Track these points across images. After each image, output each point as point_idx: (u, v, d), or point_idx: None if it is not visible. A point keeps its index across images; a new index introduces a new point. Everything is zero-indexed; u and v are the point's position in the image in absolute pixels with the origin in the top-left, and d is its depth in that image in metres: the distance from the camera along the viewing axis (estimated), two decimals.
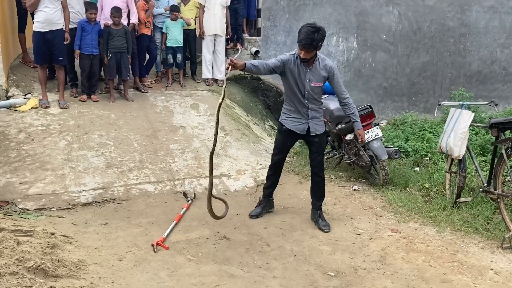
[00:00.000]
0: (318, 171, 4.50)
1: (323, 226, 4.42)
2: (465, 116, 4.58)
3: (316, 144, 4.45)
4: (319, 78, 4.21)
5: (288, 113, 4.39)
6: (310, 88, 4.22)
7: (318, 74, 4.20)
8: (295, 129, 4.36)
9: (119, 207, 4.77)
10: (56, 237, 3.82)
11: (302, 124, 4.35)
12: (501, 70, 10.56)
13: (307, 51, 4.02)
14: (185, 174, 5.52)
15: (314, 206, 4.58)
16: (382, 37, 9.59)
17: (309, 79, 4.20)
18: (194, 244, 4.02)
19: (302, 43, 3.97)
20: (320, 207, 4.55)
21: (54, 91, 7.01)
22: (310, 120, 4.34)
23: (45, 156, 5.44)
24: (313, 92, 4.25)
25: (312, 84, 4.21)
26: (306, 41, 3.95)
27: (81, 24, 6.77)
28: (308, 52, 4.02)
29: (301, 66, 4.16)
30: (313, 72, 4.19)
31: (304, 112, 4.31)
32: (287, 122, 4.38)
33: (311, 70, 4.18)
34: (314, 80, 4.20)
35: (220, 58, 8.34)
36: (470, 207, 4.73)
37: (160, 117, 6.82)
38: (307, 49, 4.00)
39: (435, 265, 3.71)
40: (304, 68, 4.17)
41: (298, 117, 4.33)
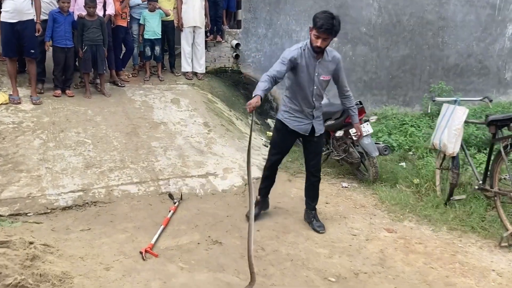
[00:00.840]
0: (315, 171, 4.31)
1: (318, 227, 4.27)
2: (459, 112, 4.50)
3: (316, 144, 4.25)
4: (328, 71, 3.97)
5: (291, 111, 4.11)
6: (318, 82, 3.97)
7: (326, 67, 3.96)
8: (297, 129, 4.12)
9: (102, 210, 4.50)
10: (36, 247, 3.52)
11: (305, 125, 4.11)
12: (477, 63, 10.63)
13: (325, 39, 3.72)
14: (170, 173, 5.27)
15: (308, 206, 4.41)
16: (362, 30, 9.49)
17: (318, 72, 3.94)
18: (185, 251, 3.81)
19: (323, 27, 3.64)
20: (315, 208, 4.40)
21: (25, 85, 6.62)
22: (314, 120, 4.12)
23: (18, 156, 5.10)
24: (321, 87, 4.01)
25: (321, 77, 3.96)
26: (328, 26, 3.64)
27: (52, 15, 6.39)
28: (326, 39, 3.73)
29: (310, 59, 3.88)
30: (322, 65, 3.93)
31: (308, 112, 4.07)
32: (290, 121, 4.12)
33: (320, 63, 3.92)
34: (323, 73, 3.96)
35: (199, 50, 8.08)
36: (463, 204, 4.66)
37: (139, 113, 6.53)
38: (327, 35, 3.70)
39: (437, 268, 3.61)
40: (313, 61, 3.89)
41: (302, 117, 4.09)
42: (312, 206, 4.38)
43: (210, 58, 8.61)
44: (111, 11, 7.08)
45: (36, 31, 6.12)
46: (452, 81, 10.28)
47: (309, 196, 4.40)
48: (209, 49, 8.53)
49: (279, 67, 3.80)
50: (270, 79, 3.72)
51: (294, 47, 3.93)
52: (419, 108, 10.02)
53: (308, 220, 4.39)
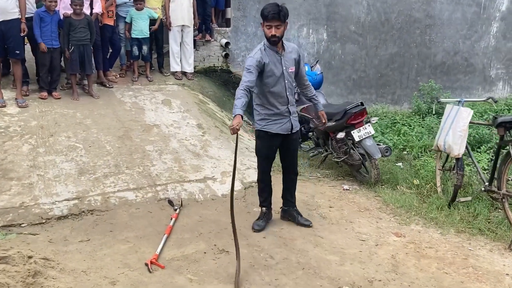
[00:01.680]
0: (295, 168, 4.36)
1: (305, 221, 4.31)
2: (464, 113, 4.46)
3: (294, 142, 4.28)
4: (292, 62, 4.02)
5: (267, 117, 4.06)
6: (288, 75, 3.99)
7: (290, 59, 4.01)
8: (280, 131, 4.09)
9: (99, 219, 4.31)
10: (36, 262, 3.34)
11: (285, 124, 4.10)
12: (463, 61, 10.70)
13: (277, 26, 3.77)
14: (167, 178, 5.10)
15: (289, 205, 4.39)
16: (351, 28, 9.44)
17: (286, 65, 3.97)
18: (192, 261, 3.66)
19: (270, 14, 3.74)
20: (295, 204, 4.41)
21: (9, 87, 6.34)
22: (291, 116, 4.11)
23: (7, 163, 4.86)
24: (291, 78, 4.04)
25: (289, 70, 3.99)
26: (274, 11, 3.73)
27: (38, 14, 6.12)
28: (278, 27, 3.78)
29: (273, 56, 3.91)
30: (286, 57, 3.98)
31: (284, 110, 4.06)
32: (271, 126, 4.07)
33: (284, 56, 3.96)
34: (289, 65, 4.00)
35: (188, 49, 7.90)
36: (467, 206, 4.64)
37: (130, 115, 6.32)
38: (277, 22, 3.76)
39: (451, 273, 3.56)
40: (277, 56, 3.93)
41: (279, 118, 4.07)
42: (293, 203, 4.40)
43: (199, 57, 8.43)
44: (98, 10, 6.85)
45: (21, 31, 5.86)
46: (439, 79, 10.33)
47: (290, 193, 4.39)
48: (197, 48, 8.35)
49: (248, 76, 3.79)
50: (245, 92, 3.72)
51: (253, 52, 3.96)
52: (408, 106, 10.05)
53: (290, 218, 4.37)
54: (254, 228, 4.24)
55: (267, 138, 4.13)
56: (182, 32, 7.77)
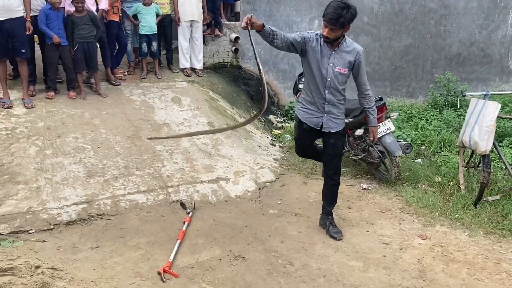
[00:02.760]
0: (333, 175, 3.99)
1: (335, 233, 4.00)
2: (491, 108, 4.22)
3: (331, 146, 3.91)
4: (344, 63, 3.65)
5: (303, 103, 3.88)
6: (333, 74, 3.66)
7: (343, 58, 3.64)
8: (308, 122, 3.85)
9: (109, 224, 4.13)
10: (43, 272, 3.18)
11: (316, 118, 3.83)
12: (479, 51, 10.38)
13: (332, 30, 3.46)
14: (178, 179, 4.91)
15: (324, 210, 4.13)
16: (364, 20, 9.17)
17: (333, 63, 3.64)
18: (206, 268, 3.48)
19: (327, 17, 3.42)
20: (331, 212, 4.12)
21: (16, 88, 6.18)
22: (326, 114, 3.80)
23: (14, 166, 4.70)
24: (337, 80, 3.68)
25: (336, 69, 3.65)
26: (332, 16, 3.39)
27: (44, 12, 5.94)
28: (333, 30, 3.46)
29: (325, 47, 3.61)
30: (338, 55, 3.64)
31: (320, 105, 3.78)
32: (301, 112, 3.90)
33: (335, 53, 3.63)
34: (338, 65, 3.64)
35: (197, 45, 7.70)
36: (494, 204, 4.40)
37: (140, 114, 6.14)
38: (332, 26, 3.43)
39: (483, 279, 3.34)
40: (328, 50, 3.62)
41: (313, 109, 3.82)
42: (329, 211, 4.11)
43: (208, 53, 8.22)
44: (104, 6, 6.66)
45: (26, 29, 5.69)
46: (455, 70, 10.02)
47: (326, 200, 4.11)
48: (207, 43, 8.14)
49: (294, 35, 3.60)
50: (282, 34, 3.53)
51: (311, 31, 3.70)
52: (423, 99, 9.77)
53: (324, 226, 4.12)
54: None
55: (298, 124, 3.98)
56: (191, 28, 7.56)
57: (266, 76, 8.55)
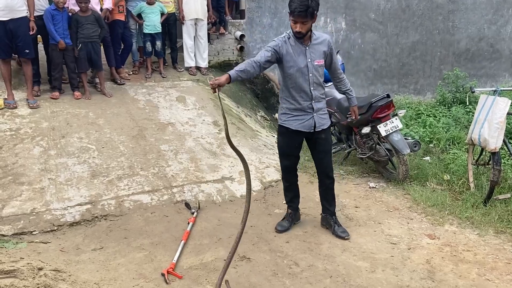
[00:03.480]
0: (329, 172, 3.95)
1: (342, 233, 3.92)
2: (501, 104, 4.13)
3: (323, 142, 3.87)
4: (320, 54, 3.64)
5: (289, 112, 3.76)
6: (314, 68, 3.62)
7: (318, 50, 3.62)
8: (300, 128, 3.75)
9: (113, 225, 4.10)
10: (46, 274, 3.15)
11: (307, 121, 3.75)
12: (489, 47, 10.23)
13: (303, 22, 3.42)
14: (183, 179, 4.87)
15: (326, 211, 4.05)
16: (371, 16, 9.06)
17: (311, 58, 3.60)
18: (211, 269, 3.43)
19: (296, 11, 3.38)
20: (334, 212, 4.03)
21: (21, 88, 6.17)
22: (315, 113, 3.75)
23: (18, 167, 4.68)
24: (318, 73, 3.65)
25: (315, 62, 3.62)
26: (301, 8, 3.36)
27: (50, 12, 5.92)
28: (304, 23, 3.43)
29: (297, 45, 3.58)
30: (313, 49, 3.61)
31: (307, 106, 3.72)
32: (291, 122, 3.77)
33: (309, 48, 3.60)
34: (316, 58, 3.62)
35: (202, 44, 7.65)
36: (504, 203, 4.31)
37: (144, 114, 6.10)
38: (303, 19, 3.40)
39: (493, 280, 3.26)
40: (301, 47, 3.59)
41: (301, 114, 3.74)
42: (332, 211, 4.03)
43: (213, 51, 8.17)
44: (108, 5, 6.63)
45: (30, 29, 5.67)
46: (464, 66, 9.88)
47: (326, 201, 4.03)
48: (212, 42, 8.09)
49: (263, 53, 3.53)
50: (252, 62, 3.45)
51: (277, 38, 3.64)
52: (431, 96, 9.65)
53: (328, 226, 4.03)
54: (277, 229, 4.01)
55: (288, 134, 3.84)
56: (196, 26, 7.51)
57: (272, 74, 8.49)
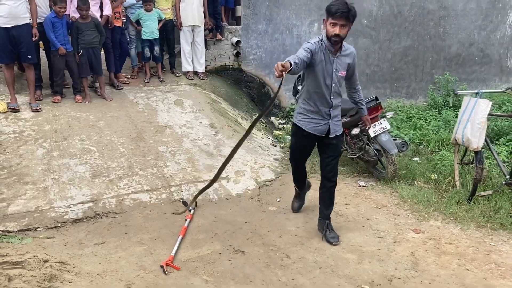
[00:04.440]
0: (332, 176, 3.98)
1: (331, 238, 3.97)
2: (483, 105, 4.35)
3: (333, 147, 3.94)
4: (345, 66, 3.73)
5: (305, 113, 3.87)
6: (337, 79, 3.72)
7: (344, 62, 3.72)
8: (313, 131, 3.85)
9: (114, 221, 4.30)
10: (51, 266, 3.33)
11: (322, 126, 3.85)
12: (479, 52, 10.50)
13: (343, 25, 3.47)
14: (181, 179, 5.08)
15: (322, 215, 4.10)
16: (364, 22, 9.31)
17: (336, 68, 3.69)
18: (207, 262, 3.63)
19: (339, 12, 3.40)
20: (329, 216, 4.08)
21: (23, 92, 6.37)
22: (331, 120, 3.85)
23: (22, 168, 4.87)
24: (339, 83, 3.77)
25: (339, 74, 3.71)
26: (344, 9, 3.41)
27: (50, 20, 6.13)
28: (344, 26, 3.48)
29: (327, 54, 3.64)
30: (340, 60, 3.70)
31: (325, 112, 3.81)
32: (305, 123, 3.87)
33: (338, 58, 3.68)
34: (340, 69, 3.71)
35: (199, 49, 7.86)
36: (487, 200, 4.53)
37: (143, 117, 6.31)
38: (345, 21, 3.45)
39: (472, 269, 3.47)
40: (330, 56, 3.65)
41: (318, 118, 3.83)
42: (326, 215, 4.07)
43: (210, 57, 8.40)
44: (108, 12, 6.84)
45: (32, 35, 5.88)
46: (455, 71, 10.14)
47: (324, 204, 4.07)
48: (208, 47, 8.31)
49: (304, 52, 3.53)
50: (299, 59, 3.42)
51: (312, 40, 3.68)
52: (423, 99, 9.88)
53: (321, 231, 4.07)
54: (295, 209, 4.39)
55: (300, 135, 3.95)
56: (193, 32, 7.73)
57: (268, 79, 8.72)
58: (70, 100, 6.50)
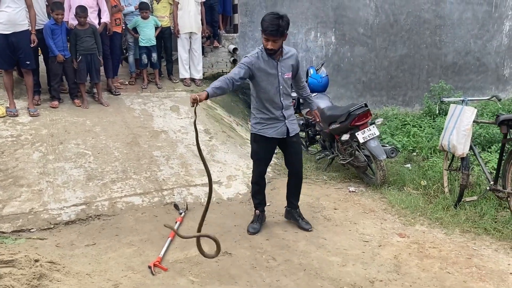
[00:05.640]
0: (298, 172, 4.32)
1: (305, 224, 4.30)
2: (468, 113, 4.43)
3: (295, 145, 4.24)
4: (289, 68, 4.01)
5: (263, 121, 4.09)
6: (283, 81, 3.99)
7: (287, 64, 4.00)
8: (275, 135, 4.09)
9: (106, 224, 4.39)
10: (42, 265, 3.42)
11: (280, 128, 4.10)
12: (475, 61, 10.60)
13: (274, 41, 3.74)
14: (173, 183, 5.17)
15: (291, 206, 4.41)
16: (360, 31, 9.44)
17: (281, 71, 3.96)
18: (194, 263, 3.71)
19: (268, 30, 3.69)
20: (298, 206, 4.42)
21: (22, 97, 6.50)
22: (287, 120, 4.10)
23: (18, 171, 4.98)
24: (286, 84, 4.03)
25: (285, 76, 3.99)
26: (272, 28, 3.67)
27: (50, 27, 6.27)
28: (275, 41, 3.74)
29: (269, 60, 3.90)
30: (283, 63, 3.97)
31: (279, 115, 4.06)
32: (266, 130, 4.09)
33: (280, 62, 3.95)
34: (286, 71, 3.99)
35: (196, 56, 7.99)
36: (473, 205, 4.59)
37: (139, 122, 6.42)
38: (274, 37, 3.71)
39: (453, 272, 3.53)
40: (272, 62, 3.92)
41: (274, 122, 4.07)
42: (295, 205, 4.40)
43: (208, 64, 8.52)
44: (106, 19, 6.97)
45: (31, 41, 6.01)
46: (451, 79, 10.25)
47: (292, 195, 4.39)
48: (206, 54, 8.44)
49: (236, 70, 3.86)
50: (225, 79, 3.75)
51: (251, 53, 3.99)
52: (419, 107, 9.97)
53: (293, 219, 4.40)
54: (249, 231, 4.27)
55: (263, 141, 4.16)
56: (190, 39, 7.86)
57: None
58: (67, 105, 6.63)
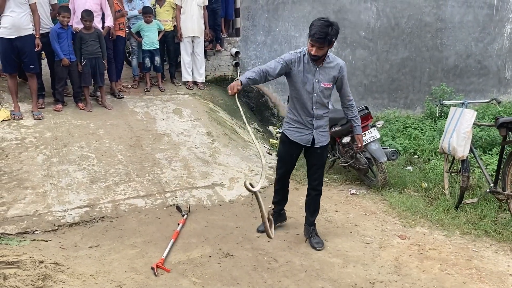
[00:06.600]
0: (317, 185, 4.10)
1: (316, 243, 4.07)
2: (468, 115, 4.47)
3: (318, 156, 4.03)
4: (329, 78, 3.80)
5: (291, 122, 3.99)
6: (319, 90, 3.79)
7: (328, 74, 3.79)
8: (298, 140, 3.96)
9: (109, 226, 4.44)
10: (46, 266, 3.47)
11: (306, 135, 3.94)
12: (476, 63, 10.64)
13: (320, 47, 3.59)
14: (176, 185, 5.22)
15: (307, 221, 4.20)
16: (361, 34, 9.48)
17: (318, 79, 3.77)
18: (197, 264, 3.75)
19: (315, 36, 3.54)
20: (314, 223, 4.19)
21: (26, 101, 6.56)
22: (315, 130, 3.93)
23: (22, 173, 5.04)
24: (323, 94, 3.82)
25: (321, 84, 3.78)
26: (320, 35, 3.52)
27: (56, 31, 6.34)
28: (321, 48, 3.60)
29: (309, 64, 3.75)
30: (323, 71, 3.78)
31: (308, 122, 3.90)
32: (290, 132, 3.98)
33: (320, 69, 3.77)
34: (324, 80, 3.78)
35: (199, 60, 8.04)
36: (474, 207, 4.63)
37: (142, 125, 6.47)
38: (320, 44, 3.57)
39: (453, 274, 3.57)
40: (312, 67, 3.75)
41: (301, 127, 3.93)
42: (311, 221, 4.18)
43: (210, 67, 8.58)
44: (110, 23, 7.03)
45: (35, 46, 6.07)
46: (452, 82, 10.28)
47: (308, 210, 4.19)
48: (208, 58, 8.50)
49: (273, 64, 3.75)
50: (260, 71, 3.68)
51: (294, 51, 3.84)
52: (421, 110, 10.01)
53: (306, 236, 4.18)
54: (258, 229, 4.29)
55: (287, 143, 4.04)
56: (193, 43, 7.92)
57: (266, 89, 8.89)
58: (71, 108, 6.69)
